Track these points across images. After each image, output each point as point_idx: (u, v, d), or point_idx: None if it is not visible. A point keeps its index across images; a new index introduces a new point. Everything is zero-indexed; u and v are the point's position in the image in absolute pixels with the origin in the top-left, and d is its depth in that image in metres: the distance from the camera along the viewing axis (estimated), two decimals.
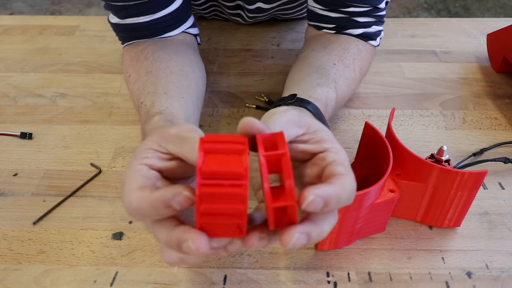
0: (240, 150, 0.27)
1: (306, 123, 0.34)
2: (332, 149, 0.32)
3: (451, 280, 0.41)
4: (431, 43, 0.75)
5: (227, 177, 0.26)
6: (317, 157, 0.32)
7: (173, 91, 0.47)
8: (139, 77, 0.50)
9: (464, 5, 2.41)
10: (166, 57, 0.52)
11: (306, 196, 0.27)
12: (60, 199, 0.48)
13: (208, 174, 0.26)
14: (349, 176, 0.30)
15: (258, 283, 0.40)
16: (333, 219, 0.30)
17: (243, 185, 0.26)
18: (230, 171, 0.26)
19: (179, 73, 0.50)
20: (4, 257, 0.43)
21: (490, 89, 0.65)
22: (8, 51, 0.74)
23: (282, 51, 0.74)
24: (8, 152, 0.54)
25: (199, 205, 0.26)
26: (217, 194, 0.26)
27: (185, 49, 0.56)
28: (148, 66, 0.51)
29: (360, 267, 0.42)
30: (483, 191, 0.49)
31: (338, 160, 0.31)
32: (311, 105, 0.43)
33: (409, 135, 0.56)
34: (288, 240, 0.27)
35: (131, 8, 0.52)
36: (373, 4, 0.54)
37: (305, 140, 0.33)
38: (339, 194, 0.28)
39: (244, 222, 0.27)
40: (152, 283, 0.40)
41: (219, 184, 0.26)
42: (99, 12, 2.39)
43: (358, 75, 0.55)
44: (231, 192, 0.26)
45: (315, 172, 0.32)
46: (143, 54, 0.53)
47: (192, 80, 0.52)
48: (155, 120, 0.41)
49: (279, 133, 0.29)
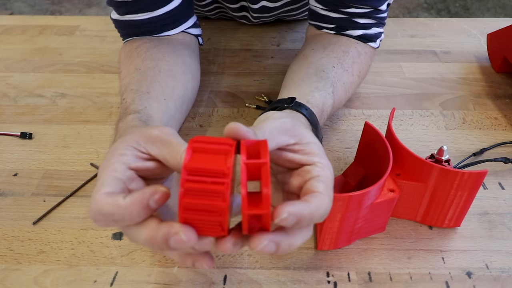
0: (226, 151, 0.28)
1: (299, 133, 0.34)
2: (319, 164, 0.33)
3: (451, 280, 0.41)
4: (431, 43, 0.75)
5: (211, 174, 0.27)
6: (303, 168, 0.33)
7: (156, 91, 0.47)
8: (128, 74, 0.50)
9: (464, 5, 2.41)
10: (158, 56, 0.51)
11: (280, 213, 0.28)
12: (60, 199, 0.48)
13: (193, 170, 0.27)
14: (326, 196, 0.31)
15: (258, 283, 0.40)
16: (307, 233, 0.31)
17: (225, 183, 0.27)
18: (213, 169, 0.27)
19: (168, 73, 0.50)
20: (4, 257, 0.43)
21: (490, 89, 0.65)
22: (8, 51, 0.74)
23: (282, 51, 0.74)
24: (8, 152, 0.54)
25: (182, 199, 0.27)
26: (199, 190, 0.27)
27: (181, 49, 0.55)
28: (138, 64, 0.50)
29: (360, 267, 0.42)
30: (483, 191, 0.49)
31: (322, 176, 0.32)
32: (308, 110, 0.43)
33: (409, 135, 0.56)
34: (256, 245, 0.28)
35: (130, 5, 0.52)
36: (373, 6, 0.53)
37: (295, 150, 0.34)
38: (312, 213, 0.29)
39: (225, 219, 0.28)
40: (152, 283, 0.40)
41: (202, 180, 0.27)
42: (99, 12, 2.39)
43: (356, 79, 0.55)
44: (213, 189, 0.27)
45: (298, 182, 0.33)
46: (136, 51, 0.53)
47: (180, 82, 0.51)
48: (130, 119, 0.41)
49: (263, 141, 0.30)
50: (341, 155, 0.54)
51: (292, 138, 0.34)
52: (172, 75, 0.50)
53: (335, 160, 0.53)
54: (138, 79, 0.48)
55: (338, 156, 0.53)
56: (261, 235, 0.28)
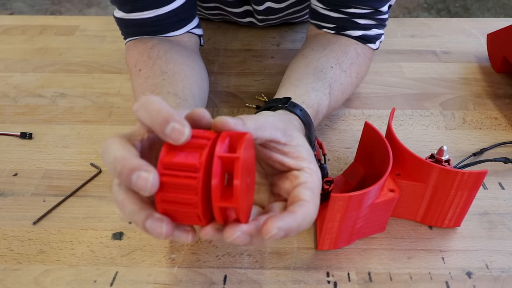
0: (203, 145, 0.29)
1: (290, 134, 0.35)
2: (308, 169, 0.34)
3: (451, 280, 0.41)
4: (431, 43, 0.75)
5: (184, 168, 0.28)
6: (291, 173, 0.34)
7: (189, 98, 0.48)
8: (153, 75, 0.50)
9: (464, 5, 2.41)
10: (179, 60, 0.52)
11: (270, 229, 0.29)
12: (60, 199, 0.48)
13: (167, 165, 0.28)
14: (312, 204, 0.32)
15: (258, 283, 0.40)
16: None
17: (197, 177, 0.28)
18: (187, 163, 0.28)
19: (192, 79, 0.51)
20: (4, 257, 0.43)
21: (490, 89, 0.65)
22: (8, 51, 0.74)
23: (282, 51, 0.74)
24: (8, 152, 0.54)
25: (157, 192, 0.28)
26: (173, 184, 0.28)
27: (192, 54, 0.56)
28: (162, 66, 0.50)
29: (360, 267, 0.42)
30: (483, 191, 0.49)
31: (310, 182, 0.33)
32: (302, 111, 0.43)
33: (409, 135, 0.56)
34: (228, 236, 0.29)
35: (136, 2, 0.52)
36: (374, 7, 0.53)
37: (285, 152, 0.34)
38: (299, 224, 0.30)
39: (200, 211, 0.29)
40: (152, 283, 0.40)
41: (176, 175, 0.28)
42: (99, 12, 2.39)
43: (354, 80, 0.55)
44: (185, 183, 0.28)
45: (286, 186, 0.34)
46: (153, 51, 0.53)
47: (202, 90, 0.53)
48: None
49: (244, 133, 0.30)
50: (341, 155, 0.54)
51: (284, 137, 0.34)
52: (196, 82, 0.51)
53: (335, 160, 0.53)
54: (170, 83, 0.48)
55: (338, 156, 0.53)
56: (235, 227, 0.29)
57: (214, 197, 0.28)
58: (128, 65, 0.55)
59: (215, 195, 0.28)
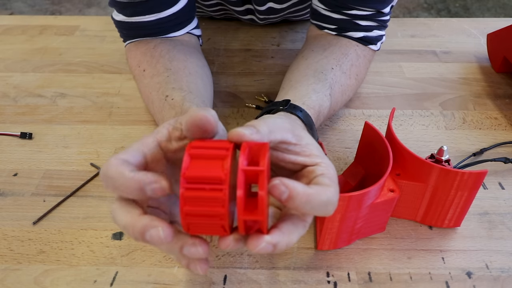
0: (224, 156, 0.29)
1: (298, 133, 0.35)
2: (322, 164, 0.33)
3: (451, 280, 0.41)
4: (431, 43, 0.75)
5: (209, 181, 0.28)
6: (307, 169, 0.34)
7: (196, 93, 0.48)
8: (157, 73, 0.50)
9: (464, 5, 2.41)
10: (182, 57, 0.52)
11: (295, 188, 0.28)
12: (60, 199, 0.48)
13: (191, 178, 0.28)
14: (332, 188, 0.31)
15: (258, 283, 0.40)
16: (303, 229, 0.32)
17: (223, 189, 0.28)
18: (211, 176, 0.28)
19: (196, 75, 0.51)
20: (4, 257, 0.43)
21: (490, 89, 0.65)
22: (8, 51, 0.74)
23: (282, 51, 0.74)
24: (8, 152, 0.54)
25: (182, 206, 0.28)
26: (199, 197, 0.28)
27: (194, 51, 0.56)
28: (166, 64, 0.51)
29: (360, 267, 0.42)
30: (483, 191, 0.49)
31: (327, 174, 0.32)
32: (303, 112, 0.43)
33: (409, 135, 0.56)
34: (254, 247, 0.29)
35: (137, 6, 0.52)
36: (376, 8, 0.53)
37: (296, 152, 0.34)
38: (325, 202, 0.30)
39: (226, 222, 0.29)
40: (152, 283, 0.40)
41: (201, 188, 0.28)
42: (99, 12, 2.39)
43: (354, 82, 0.55)
44: (211, 196, 0.28)
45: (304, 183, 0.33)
46: (156, 51, 0.53)
47: (207, 84, 0.53)
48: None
49: (264, 144, 0.30)
50: (341, 155, 0.54)
51: (294, 138, 0.34)
52: (200, 77, 0.51)
53: (335, 160, 0.53)
54: (175, 79, 0.48)
55: (338, 156, 0.53)
56: (259, 237, 0.29)
57: (239, 210, 0.28)
58: (131, 66, 0.55)
59: (240, 208, 0.28)
